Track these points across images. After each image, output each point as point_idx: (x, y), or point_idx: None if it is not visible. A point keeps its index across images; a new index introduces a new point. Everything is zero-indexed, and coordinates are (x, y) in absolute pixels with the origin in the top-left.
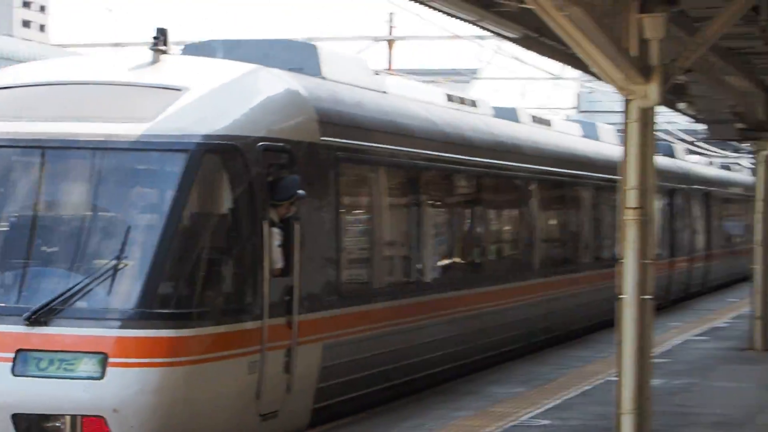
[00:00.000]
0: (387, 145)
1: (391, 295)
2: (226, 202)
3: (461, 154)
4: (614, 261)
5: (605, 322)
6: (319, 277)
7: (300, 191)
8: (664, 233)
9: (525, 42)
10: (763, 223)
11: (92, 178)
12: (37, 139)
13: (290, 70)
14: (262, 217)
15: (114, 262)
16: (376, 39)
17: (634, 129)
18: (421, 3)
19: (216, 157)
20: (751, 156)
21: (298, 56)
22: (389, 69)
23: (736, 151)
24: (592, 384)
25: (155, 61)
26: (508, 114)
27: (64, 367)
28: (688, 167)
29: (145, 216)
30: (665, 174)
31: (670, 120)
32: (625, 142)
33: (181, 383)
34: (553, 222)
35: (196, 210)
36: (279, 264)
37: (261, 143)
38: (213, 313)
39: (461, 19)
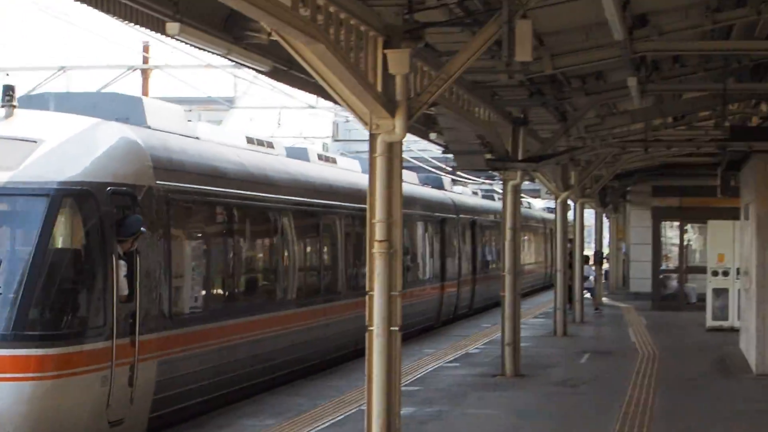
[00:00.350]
0: (206, 186)
1: (207, 318)
2: (81, 239)
3: (263, 192)
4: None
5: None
6: (155, 303)
7: (142, 228)
8: (435, 259)
9: (275, 74)
10: (511, 251)
11: None
12: None
13: (118, 120)
14: (111, 251)
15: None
16: (131, 68)
17: (380, 162)
18: (170, 36)
19: (72, 200)
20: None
21: (125, 107)
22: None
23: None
24: (345, 414)
25: (9, 115)
26: (299, 154)
27: None
28: (456, 198)
29: (14, 252)
30: (435, 204)
31: (425, 148)
32: (370, 175)
33: (49, 394)
34: (338, 252)
35: (57, 246)
36: (125, 292)
37: (109, 188)
38: (72, 335)
39: (210, 51)
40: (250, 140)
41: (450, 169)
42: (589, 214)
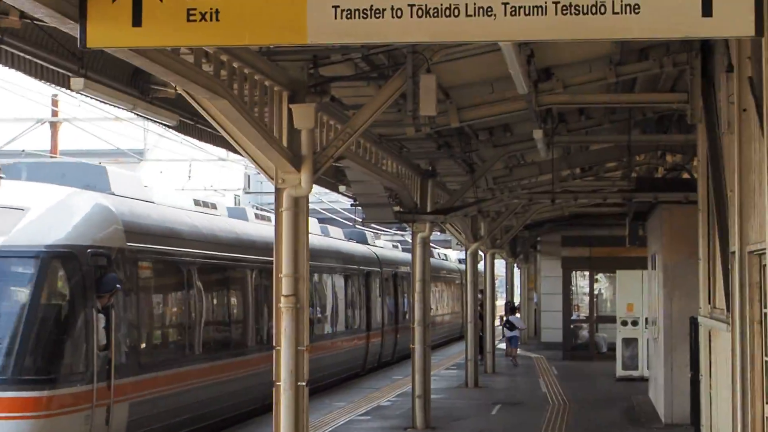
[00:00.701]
0: (166, 246)
1: (176, 363)
2: (66, 295)
3: (213, 250)
4: None
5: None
6: (127, 351)
7: (118, 285)
8: (360, 310)
9: (182, 128)
10: (421, 303)
11: None
12: None
13: (85, 187)
14: (91, 306)
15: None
16: (40, 121)
17: (286, 217)
18: (75, 91)
19: (58, 261)
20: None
21: (90, 176)
22: (54, 152)
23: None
24: None
25: None
26: (239, 213)
27: None
28: (379, 251)
29: (8, 306)
30: (360, 258)
31: (336, 200)
32: (276, 230)
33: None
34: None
35: (45, 301)
36: (103, 341)
37: (89, 250)
38: (61, 379)
39: (116, 106)
40: (197, 202)
41: (360, 220)
42: (501, 264)
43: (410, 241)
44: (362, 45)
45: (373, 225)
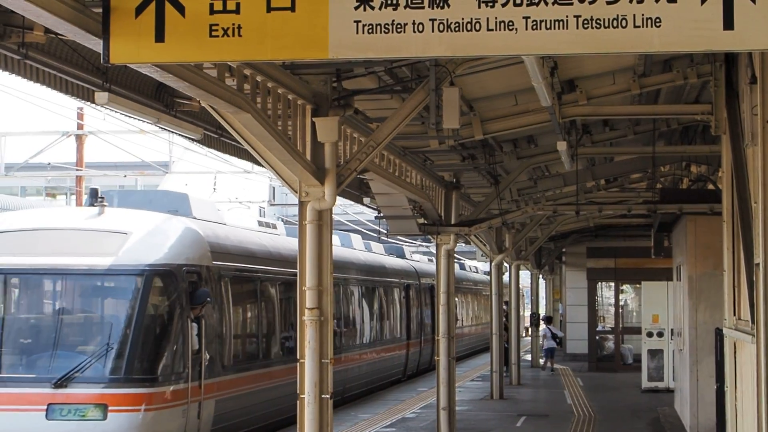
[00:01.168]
0: (242, 264)
1: (251, 366)
2: (166, 306)
3: (278, 267)
4: None
5: None
6: (213, 355)
7: (207, 298)
8: (402, 320)
9: (207, 141)
10: (446, 315)
11: (82, 293)
12: (32, 268)
13: (169, 212)
14: (186, 316)
15: (105, 346)
16: (66, 134)
17: (309, 230)
18: (100, 105)
19: (159, 277)
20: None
21: (174, 202)
22: (79, 165)
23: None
24: None
25: (101, 212)
26: (294, 232)
27: (80, 414)
28: (417, 265)
29: (119, 316)
30: (401, 272)
31: (360, 212)
32: (300, 242)
33: (151, 422)
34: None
35: (150, 312)
36: (195, 347)
37: (184, 267)
38: (162, 379)
39: (140, 119)
40: (260, 223)
41: (384, 232)
42: (526, 275)
43: (463, 258)
44: (385, 59)
45: (399, 238)
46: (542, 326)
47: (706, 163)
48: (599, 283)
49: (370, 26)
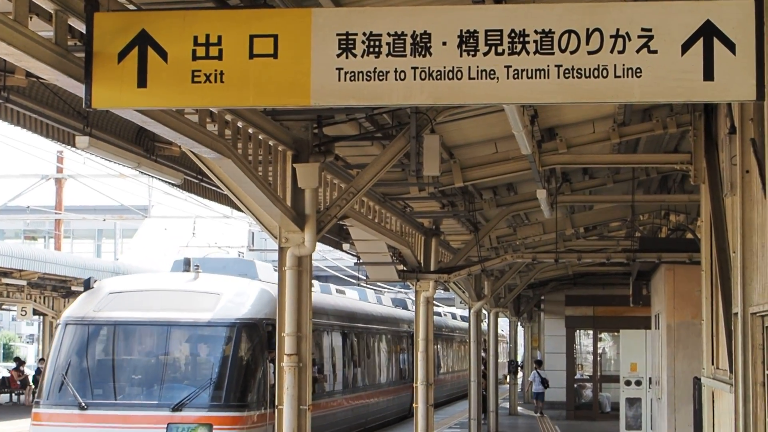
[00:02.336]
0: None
1: (317, 396)
2: (252, 350)
3: (342, 321)
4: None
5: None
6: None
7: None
8: (408, 364)
9: (187, 186)
10: (424, 362)
11: (189, 340)
12: (155, 321)
13: (239, 275)
14: (266, 358)
15: (209, 380)
16: (45, 177)
17: (289, 276)
18: (80, 149)
19: (246, 328)
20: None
21: (244, 267)
22: (58, 208)
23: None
24: None
25: (196, 277)
26: (363, 295)
27: (191, 431)
28: (405, 316)
29: (217, 358)
30: (406, 321)
31: (339, 258)
32: (279, 288)
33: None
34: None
35: (241, 354)
36: (272, 381)
37: (263, 320)
38: (251, 405)
39: (120, 164)
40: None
41: (364, 278)
42: (504, 323)
43: (441, 305)
44: (366, 106)
45: (379, 284)
46: (533, 371)
47: (685, 212)
48: (577, 330)
49: (353, 74)
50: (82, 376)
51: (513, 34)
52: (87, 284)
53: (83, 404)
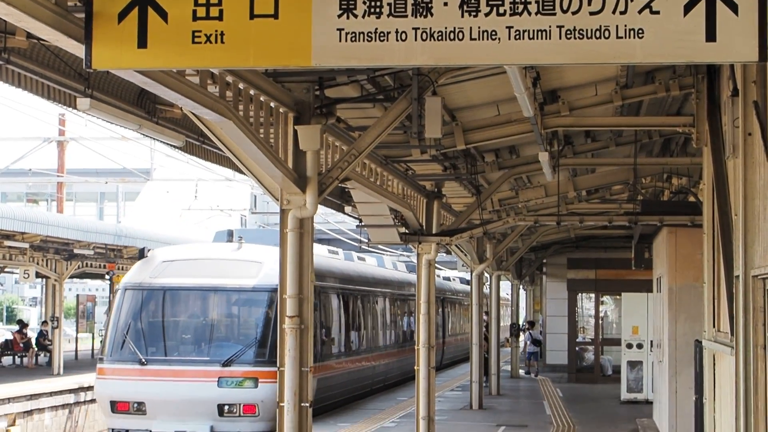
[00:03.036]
0: (324, 282)
1: (344, 354)
2: None
3: (359, 285)
4: None
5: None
6: (317, 346)
7: (315, 308)
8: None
9: (189, 149)
10: (426, 325)
11: (235, 303)
12: (206, 286)
13: (274, 245)
14: None
15: (254, 340)
16: (47, 140)
17: (290, 238)
18: (81, 111)
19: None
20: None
21: (277, 237)
22: (60, 171)
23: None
24: None
25: (240, 247)
26: (348, 256)
27: (239, 384)
28: (436, 282)
29: (261, 320)
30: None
31: (342, 221)
32: (281, 250)
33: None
34: (393, 317)
35: (274, 316)
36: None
37: None
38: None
39: (122, 126)
40: (330, 251)
41: (366, 241)
42: (506, 286)
43: (453, 271)
44: (367, 67)
45: (380, 247)
46: (526, 333)
47: (687, 175)
48: (579, 294)
49: (353, 34)
50: (140, 336)
51: None
52: (141, 253)
53: (143, 360)
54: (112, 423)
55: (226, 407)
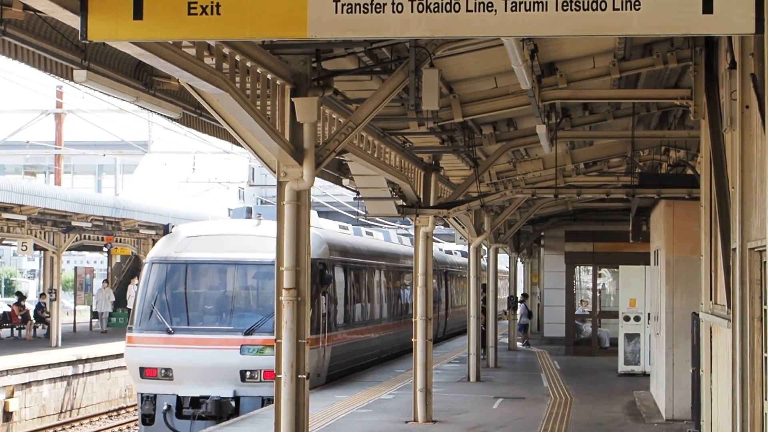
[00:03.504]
0: (343, 257)
1: (355, 324)
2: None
3: (368, 259)
4: None
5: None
6: (330, 318)
7: (330, 280)
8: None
9: (186, 121)
10: (423, 297)
11: (255, 276)
12: (229, 260)
13: None
14: (320, 291)
15: (272, 309)
16: (45, 112)
17: (287, 210)
18: (78, 83)
19: None
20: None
21: None
22: (58, 143)
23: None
24: None
25: (259, 223)
26: (357, 231)
27: (260, 352)
28: (438, 255)
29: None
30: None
31: (340, 193)
32: (278, 223)
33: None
34: (399, 290)
35: None
36: (324, 311)
37: (317, 260)
38: (313, 330)
39: (118, 98)
40: (341, 226)
41: (363, 213)
42: (504, 259)
43: (452, 244)
44: (364, 39)
45: (378, 219)
46: (520, 305)
47: (685, 148)
48: (577, 267)
49: (350, 6)
50: (166, 306)
51: None
52: (166, 229)
53: (170, 329)
54: (140, 388)
55: (248, 373)
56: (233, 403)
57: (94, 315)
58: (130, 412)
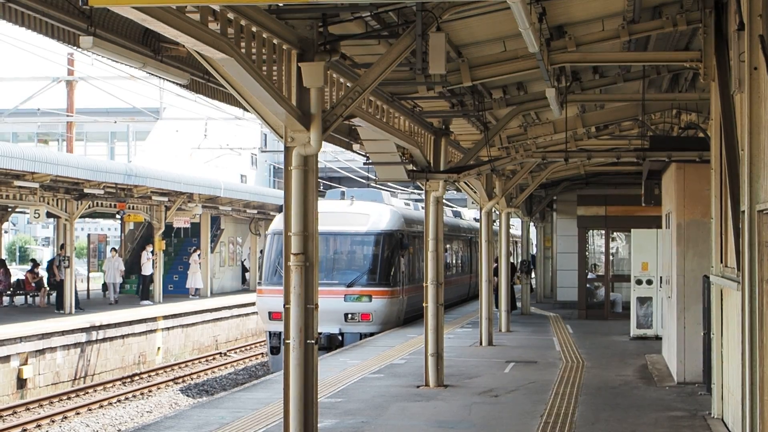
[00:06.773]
0: (412, 228)
1: (422, 280)
2: (391, 251)
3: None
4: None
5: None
6: (408, 275)
7: (407, 247)
8: (465, 262)
9: (194, 87)
10: (434, 262)
11: (353, 243)
12: (334, 232)
13: (370, 200)
14: (399, 255)
15: (367, 269)
16: (56, 79)
17: (295, 175)
18: (84, 50)
19: (388, 236)
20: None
21: (374, 195)
22: (70, 110)
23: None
24: (266, 427)
25: (351, 204)
26: (456, 214)
27: (358, 299)
28: (466, 224)
29: (371, 255)
30: (465, 228)
31: (352, 158)
32: (285, 188)
33: (388, 304)
34: (456, 253)
35: (386, 253)
36: (403, 270)
37: (397, 231)
38: (393, 284)
39: (125, 64)
40: (405, 203)
41: (374, 178)
42: (517, 224)
43: (454, 205)
44: (370, 3)
45: (388, 184)
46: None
47: (696, 110)
48: (590, 230)
49: None
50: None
51: None
52: (281, 208)
53: None
54: (269, 327)
55: (349, 315)
56: (340, 338)
57: (104, 287)
58: (144, 378)
